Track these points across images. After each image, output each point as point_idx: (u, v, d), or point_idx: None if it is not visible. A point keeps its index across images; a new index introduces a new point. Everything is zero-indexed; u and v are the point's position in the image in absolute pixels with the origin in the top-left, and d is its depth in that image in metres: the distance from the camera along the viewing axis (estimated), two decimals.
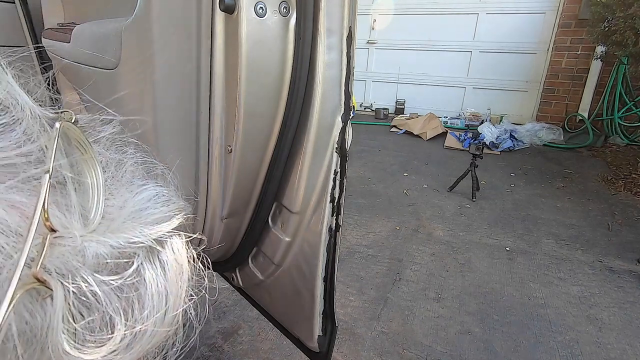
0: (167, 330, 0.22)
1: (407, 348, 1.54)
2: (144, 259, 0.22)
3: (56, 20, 1.29)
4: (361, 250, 2.24)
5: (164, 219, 0.23)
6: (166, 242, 0.23)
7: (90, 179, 0.21)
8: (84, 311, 0.19)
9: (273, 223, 0.95)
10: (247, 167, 0.83)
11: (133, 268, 0.21)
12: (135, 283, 0.21)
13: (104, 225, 0.21)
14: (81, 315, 0.19)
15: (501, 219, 2.70)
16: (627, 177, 3.43)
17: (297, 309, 1.02)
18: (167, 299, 0.22)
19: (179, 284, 0.23)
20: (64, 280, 0.18)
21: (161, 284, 0.22)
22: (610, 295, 1.90)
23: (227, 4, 0.65)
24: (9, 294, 0.15)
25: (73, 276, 0.18)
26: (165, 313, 0.22)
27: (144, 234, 0.22)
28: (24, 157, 0.18)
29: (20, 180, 0.18)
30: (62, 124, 0.20)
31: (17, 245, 0.16)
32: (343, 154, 0.81)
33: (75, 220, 0.19)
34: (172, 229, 0.24)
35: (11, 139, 0.18)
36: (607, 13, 3.21)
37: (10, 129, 0.18)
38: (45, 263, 0.17)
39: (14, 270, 0.16)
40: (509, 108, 5.18)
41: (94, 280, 0.19)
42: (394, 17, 5.58)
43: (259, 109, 0.75)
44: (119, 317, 0.20)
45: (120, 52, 0.79)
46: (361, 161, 3.83)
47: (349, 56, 0.73)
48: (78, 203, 0.20)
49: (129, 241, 0.21)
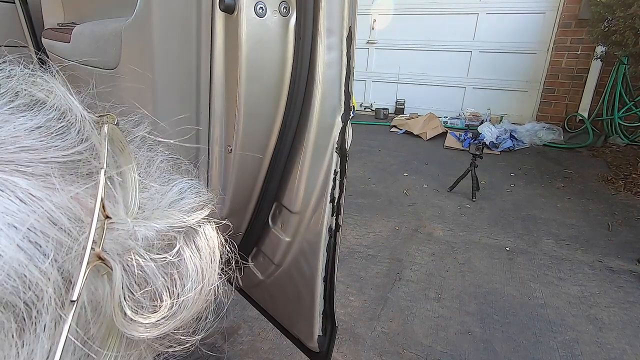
0: (204, 301, 0.26)
1: (407, 348, 1.54)
2: (183, 242, 0.25)
3: (56, 20, 1.29)
4: (361, 250, 2.24)
5: (197, 208, 0.27)
6: (200, 228, 0.27)
7: (128, 175, 0.24)
8: (139, 283, 0.22)
9: (273, 223, 0.95)
10: (247, 167, 0.83)
11: (176, 249, 0.24)
12: (176, 262, 0.24)
13: (148, 212, 0.24)
14: (137, 287, 0.22)
15: (501, 219, 2.70)
16: (627, 177, 3.43)
17: (297, 309, 1.02)
18: (203, 275, 0.26)
19: (211, 263, 0.27)
20: (121, 258, 0.21)
21: (197, 263, 0.25)
22: (610, 295, 1.90)
23: (227, 4, 0.66)
24: (82, 270, 0.18)
25: (128, 254, 0.22)
26: (202, 287, 0.25)
27: (182, 220, 0.25)
28: (79, 155, 0.21)
29: (78, 175, 0.20)
30: (109, 126, 0.23)
31: (81, 230, 0.19)
32: (343, 154, 0.81)
33: (120, 209, 0.22)
34: (204, 216, 0.27)
35: (69, 139, 0.21)
36: (607, 13, 3.21)
37: (67, 131, 0.21)
38: (104, 245, 0.20)
39: (83, 250, 0.18)
40: (509, 108, 5.18)
41: (146, 257, 0.22)
42: (394, 17, 5.57)
43: (259, 109, 0.75)
44: (165, 290, 0.23)
45: (120, 52, 0.79)
46: (361, 161, 3.83)
47: (349, 56, 0.73)
48: (121, 195, 0.23)
49: (171, 226, 0.24)
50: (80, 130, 0.22)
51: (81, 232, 0.19)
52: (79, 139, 0.21)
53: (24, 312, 0.16)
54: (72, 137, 0.21)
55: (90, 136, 0.22)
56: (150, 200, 0.25)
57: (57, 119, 0.21)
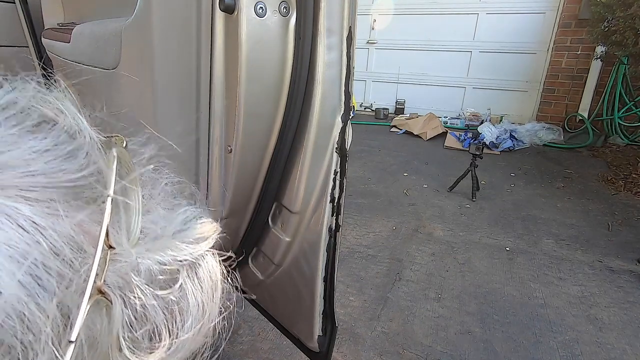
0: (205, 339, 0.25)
1: (407, 348, 1.54)
2: (186, 275, 0.24)
3: (56, 20, 1.29)
4: (361, 250, 2.24)
5: (201, 239, 0.26)
6: (203, 260, 0.26)
7: (133, 199, 0.23)
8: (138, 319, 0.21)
9: (273, 223, 0.95)
10: (247, 167, 0.83)
11: (178, 284, 0.23)
12: (178, 297, 0.23)
13: (149, 242, 0.23)
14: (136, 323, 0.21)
15: (501, 219, 2.70)
16: (627, 177, 3.43)
17: (297, 309, 1.02)
18: (204, 311, 0.25)
19: (213, 298, 0.26)
20: (122, 293, 0.20)
21: (199, 298, 0.24)
22: (610, 295, 1.90)
23: (227, 4, 0.66)
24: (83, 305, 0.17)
25: (130, 288, 0.21)
26: (202, 325, 0.24)
27: (186, 252, 0.24)
28: (85, 180, 0.20)
29: (83, 200, 0.20)
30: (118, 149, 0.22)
31: (83, 260, 0.18)
32: (343, 154, 0.81)
33: (123, 236, 0.21)
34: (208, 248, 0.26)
35: (76, 163, 0.20)
36: (607, 13, 3.21)
37: (75, 154, 0.20)
38: (105, 277, 0.19)
39: (85, 283, 0.18)
40: (509, 108, 5.18)
41: (147, 292, 0.21)
42: (394, 17, 5.57)
43: (259, 109, 0.75)
44: (165, 328, 0.22)
45: (120, 52, 0.79)
46: (361, 161, 3.83)
47: (349, 56, 0.73)
48: (124, 220, 0.22)
49: (174, 258, 0.23)
50: (89, 153, 0.21)
51: (83, 263, 0.18)
52: (86, 162, 0.21)
53: (20, 353, 0.16)
54: (79, 161, 0.20)
55: (98, 159, 0.21)
56: (153, 225, 0.24)
57: (66, 142, 0.20)
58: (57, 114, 0.21)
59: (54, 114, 0.21)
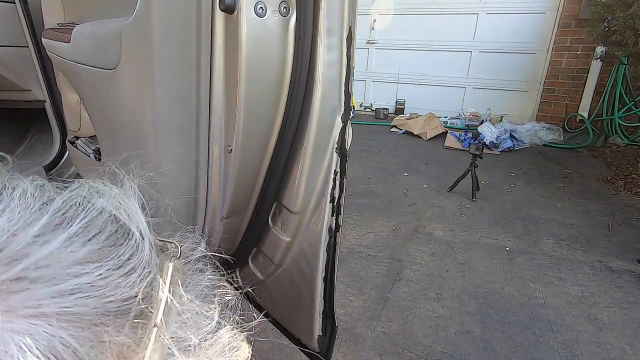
0: None
1: (407, 348, 1.54)
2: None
3: (56, 20, 1.29)
4: (361, 250, 2.24)
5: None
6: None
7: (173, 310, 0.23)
8: None
9: (273, 223, 0.95)
10: (247, 167, 0.83)
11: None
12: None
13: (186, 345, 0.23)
14: None
15: (501, 219, 2.70)
16: (627, 177, 3.43)
17: (297, 309, 1.02)
18: None
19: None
20: None
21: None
22: (610, 295, 1.90)
23: (227, 4, 0.65)
24: None
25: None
26: None
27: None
28: (135, 299, 0.20)
29: (128, 318, 0.20)
30: (173, 264, 0.22)
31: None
32: (343, 154, 0.81)
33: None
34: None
35: (131, 280, 0.20)
36: (607, 13, 3.21)
37: (133, 272, 0.20)
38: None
39: None
40: (509, 108, 5.17)
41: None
42: (394, 17, 5.57)
43: (259, 109, 0.75)
44: None
45: (120, 52, 0.79)
46: (361, 161, 3.83)
47: (349, 56, 0.73)
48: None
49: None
50: (145, 269, 0.21)
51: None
52: (139, 279, 0.21)
53: None
54: (134, 278, 0.20)
55: (151, 275, 0.21)
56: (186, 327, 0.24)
57: (127, 259, 0.20)
58: (128, 219, 0.22)
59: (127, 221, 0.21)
